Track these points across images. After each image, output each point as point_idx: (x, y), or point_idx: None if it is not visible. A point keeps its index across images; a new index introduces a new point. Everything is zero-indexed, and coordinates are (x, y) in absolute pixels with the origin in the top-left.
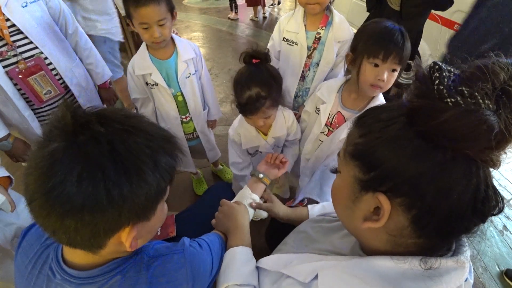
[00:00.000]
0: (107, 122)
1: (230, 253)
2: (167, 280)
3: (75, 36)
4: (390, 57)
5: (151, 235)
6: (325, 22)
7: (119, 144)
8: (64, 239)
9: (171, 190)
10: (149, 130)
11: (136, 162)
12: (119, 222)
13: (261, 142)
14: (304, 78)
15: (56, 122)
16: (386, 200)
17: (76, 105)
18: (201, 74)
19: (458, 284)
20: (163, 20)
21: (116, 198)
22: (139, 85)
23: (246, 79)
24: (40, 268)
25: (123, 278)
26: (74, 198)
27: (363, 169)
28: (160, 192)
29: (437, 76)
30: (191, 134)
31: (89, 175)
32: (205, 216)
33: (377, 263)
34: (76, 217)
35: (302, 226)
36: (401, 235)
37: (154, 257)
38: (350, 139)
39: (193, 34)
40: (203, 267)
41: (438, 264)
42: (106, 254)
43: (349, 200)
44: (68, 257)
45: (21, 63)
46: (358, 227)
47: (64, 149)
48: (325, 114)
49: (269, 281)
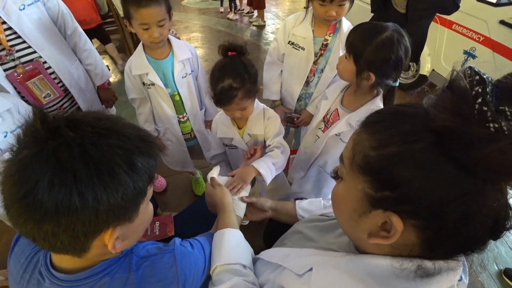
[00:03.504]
0: (78, 126)
1: (218, 235)
2: (157, 280)
3: (74, 37)
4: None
5: (137, 236)
6: (333, 29)
7: (91, 147)
8: (45, 245)
9: (171, 190)
10: (123, 131)
11: (109, 164)
12: (98, 224)
13: (235, 135)
14: (308, 83)
15: (27, 129)
16: (400, 221)
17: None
18: (198, 74)
19: (449, 285)
20: (163, 21)
21: (90, 200)
22: (136, 85)
23: (219, 70)
24: (31, 273)
25: (112, 280)
26: (47, 204)
27: (375, 186)
28: (139, 192)
29: (479, 93)
30: (188, 134)
31: (60, 180)
32: (203, 216)
33: (370, 261)
34: (52, 222)
35: (296, 226)
36: (407, 249)
37: (144, 257)
38: (359, 147)
39: (192, 35)
40: (195, 267)
41: (432, 267)
42: (93, 257)
43: (355, 213)
44: (56, 262)
45: (19, 68)
46: (360, 237)
47: (34, 155)
48: (324, 109)
49: (268, 272)
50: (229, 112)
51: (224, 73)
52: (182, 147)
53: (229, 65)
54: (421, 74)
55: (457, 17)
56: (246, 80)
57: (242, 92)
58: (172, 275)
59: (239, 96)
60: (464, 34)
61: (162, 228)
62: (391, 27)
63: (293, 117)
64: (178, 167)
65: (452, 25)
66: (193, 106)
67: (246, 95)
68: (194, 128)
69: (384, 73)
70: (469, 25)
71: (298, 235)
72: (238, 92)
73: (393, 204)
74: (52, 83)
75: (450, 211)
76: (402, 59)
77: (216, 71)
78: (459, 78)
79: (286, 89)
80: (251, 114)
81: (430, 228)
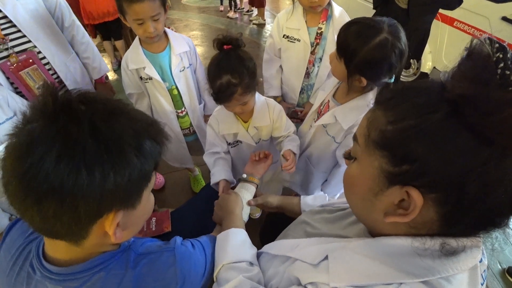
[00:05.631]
0: (89, 102)
1: (222, 235)
2: (155, 279)
3: (71, 30)
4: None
5: (137, 227)
6: (325, 17)
7: (101, 123)
8: (43, 228)
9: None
10: (133, 113)
11: (119, 142)
12: (102, 206)
13: (240, 130)
14: (309, 75)
15: (35, 104)
16: (419, 195)
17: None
18: (196, 67)
19: (474, 263)
20: (157, 15)
21: (97, 178)
22: (133, 80)
23: (215, 67)
24: (21, 265)
25: (107, 275)
26: (52, 178)
27: (393, 161)
28: (145, 176)
29: (501, 58)
30: (187, 129)
31: (68, 154)
32: (201, 212)
33: (389, 242)
34: (55, 199)
35: (301, 217)
36: (426, 228)
37: (143, 254)
38: (374, 124)
39: (192, 33)
40: (195, 268)
41: (456, 244)
42: (90, 247)
43: (370, 192)
44: (49, 252)
45: (13, 57)
46: (376, 218)
47: (43, 128)
48: (319, 100)
49: (275, 265)
50: (230, 108)
51: (220, 70)
52: (181, 143)
53: (225, 61)
54: (422, 72)
55: (458, 14)
56: (245, 74)
57: (242, 87)
58: (170, 275)
59: (239, 92)
60: (465, 31)
61: (159, 224)
62: (386, 27)
63: (297, 111)
64: (177, 164)
65: (453, 22)
66: (192, 101)
67: (245, 90)
68: (193, 123)
69: (376, 78)
70: (471, 22)
71: (303, 225)
72: (238, 88)
73: (412, 178)
74: (47, 75)
75: (470, 182)
76: (395, 65)
77: (212, 68)
78: (481, 45)
79: (287, 84)
80: (255, 107)
81: (449, 201)
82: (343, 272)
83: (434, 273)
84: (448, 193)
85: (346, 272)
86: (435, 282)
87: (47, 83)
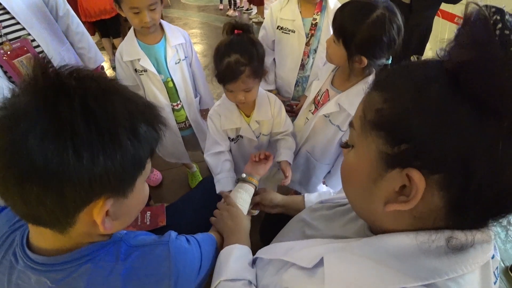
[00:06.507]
0: (82, 79)
1: (226, 250)
2: (146, 274)
3: (66, 19)
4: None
5: (129, 219)
6: (320, 8)
7: (93, 101)
8: (27, 213)
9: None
10: (128, 94)
11: (111, 123)
12: (90, 191)
13: (242, 124)
14: (304, 66)
15: (25, 79)
16: (421, 176)
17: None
18: (191, 60)
19: (485, 260)
20: (154, 5)
21: (85, 159)
22: (128, 72)
23: (226, 46)
24: (4, 254)
25: (95, 267)
26: (36, 155)
27: (391, 141)
28: (138, 163)
29: (498, 20)
30: (183, 123)
31: (55, 131)
32: (197, 207)
33: (390, 240)
34: (38, 181)
35: (299, 215)
36: (431, 217)
37: (135, 247)
38: (370, 105)
39: (191, 31)
40: (190, 264)
41: (465, 239)
42: (77, 236)
43: (369, 179)
44: (34, 241)
45: (6, 45)
46: (376, 210)
47: (30, 102)
48: (315, 90)
49: (270, 273)
50: (233, 94)
51: (231, 49)
52: (176, 137)
53: (236, 41)
54: None
55: (459, 10)
56: (254, 57)
57: (250, 69)
58: (164, 270)
59: (246, 73)
60: None
61: (154, 218)
62: (381, 3)
63: (292, 104)
64: (173, 159)
65: (454, 18)
66: (188, 94)
67: (253, 74)
68: (189, 116)
69: (377, 55)
70: None
71: (301, 223)
72: (246, 68)
73: (412, 158)
74: None
75: (475, 160)
76: (395, 39)
77: (223, 47)
78: (477, 9)
79: (281, 77)
80: (257, 100)
81: (455, 183)
82: (339, 279)
83: (441, 274)
84: (453, 173)
85: (343, 278)
86: (441, 284)
87: (37, 57)
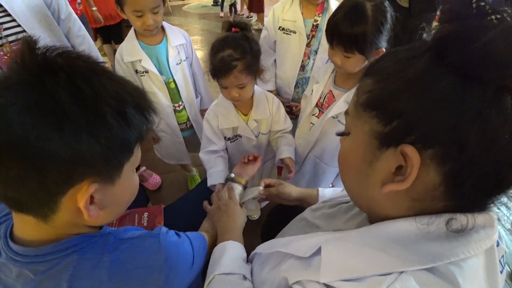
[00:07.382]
0: (69, 57)
1: (220, 246)
2: (135, 266)
3: (68, 22)
4: None
5: (117, 209)
6: (322, 9)
7: (80, 79)
8: (7, 196)
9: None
10: (118, 77)
11: (97, 101)
12: (73, 171)
13: (240, 123)
14: (304, 68)
15: (13, 60)
16: (415, 152)
17: None
18: (192, 61)
19: (489, 245)
20: (157, 8)
21: (67, 136)
22: (128, 74)
23: (220, 42)
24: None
25: (81, 259)
26: (15, 128)
27: (382, 120)
28: (125, 146)
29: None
30: (184, 123)
31: (37, 105)
32: (195, 208)
33: (389, 227)
34: (17, 156)
35: (301, 215)
36: (429, 198)
37: (124, 239)
38: (361, 90)
39: (192, 38)
40: (182, 257)
41: (465, 221)
42: (62, 226)
43: (364, 162)
44: (18, 232)
45: (6, 46)
46: (373, 196)
47: (13, 76)
48: (317, 93)
49: (268, 268)
50: (227, 90)
51: (225, 44)
52: (177, 138)
53: (231, 37)
54: None
55: None
56: (248, 52)
57: (242, 64)
58: (154, 263)
59: (239, 67)
60: None
61: (151, 219)
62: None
63: (292, 106)
64: (173, 160)
65: None
66: (189, 94)
67: (246, 69)
68: (191, 117)
69: (387, 38)
70: None
71: (303, 222)
72: (239, 63)
73: (404, 134)
74: None
75: (466, 130)
76: (392, 16)
77: (217, 42)
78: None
79: (281, 78)
80: (255, 98)
81: (450, 156)
82: (336, 265)
83: (442, 258)
84: (445, 146)
85: (339, 264)
86: (443, 268)
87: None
